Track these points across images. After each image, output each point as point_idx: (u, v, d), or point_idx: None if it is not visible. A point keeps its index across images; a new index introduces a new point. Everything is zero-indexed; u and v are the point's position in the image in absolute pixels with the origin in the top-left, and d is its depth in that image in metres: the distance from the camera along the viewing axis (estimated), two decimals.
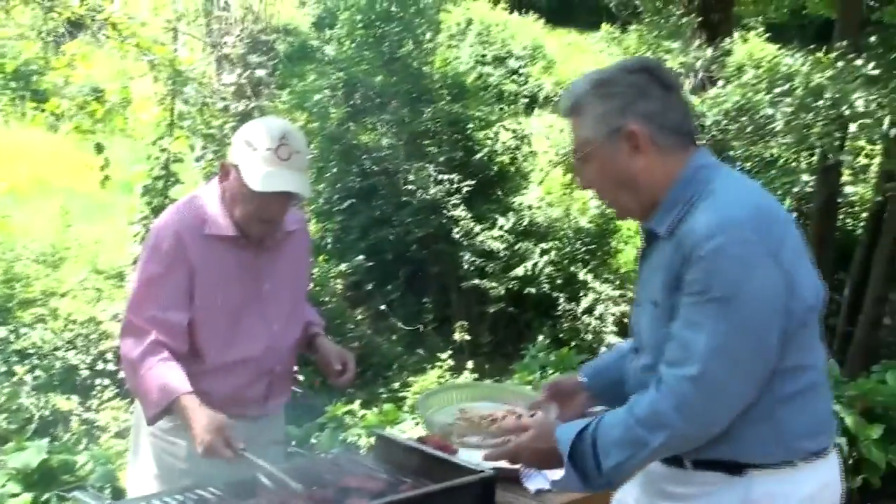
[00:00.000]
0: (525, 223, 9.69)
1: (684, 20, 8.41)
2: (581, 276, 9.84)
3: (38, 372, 7.08)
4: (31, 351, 7.24)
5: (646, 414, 1.91)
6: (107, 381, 7.34)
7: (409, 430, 4.85)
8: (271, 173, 2.54)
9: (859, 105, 6.16)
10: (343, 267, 9.93)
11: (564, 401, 2.39)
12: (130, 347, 2.59)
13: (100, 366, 7.39)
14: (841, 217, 8.64)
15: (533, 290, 9.45)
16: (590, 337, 9.63)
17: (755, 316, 1.85)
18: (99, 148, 6.52)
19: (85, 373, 7.33)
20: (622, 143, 2.00)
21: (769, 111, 6.64)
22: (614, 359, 2.37)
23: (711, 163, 2.03)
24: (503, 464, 2.25)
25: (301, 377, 6.59)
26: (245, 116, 8.15)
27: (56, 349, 7.31)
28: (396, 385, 8.85)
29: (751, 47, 13.30)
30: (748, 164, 8.14)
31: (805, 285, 1.92)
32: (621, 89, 2.01)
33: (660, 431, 1.89)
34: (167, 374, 2.53)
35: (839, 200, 8.01)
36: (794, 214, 9.11)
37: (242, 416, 2.80)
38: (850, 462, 4.65)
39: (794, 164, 7.66)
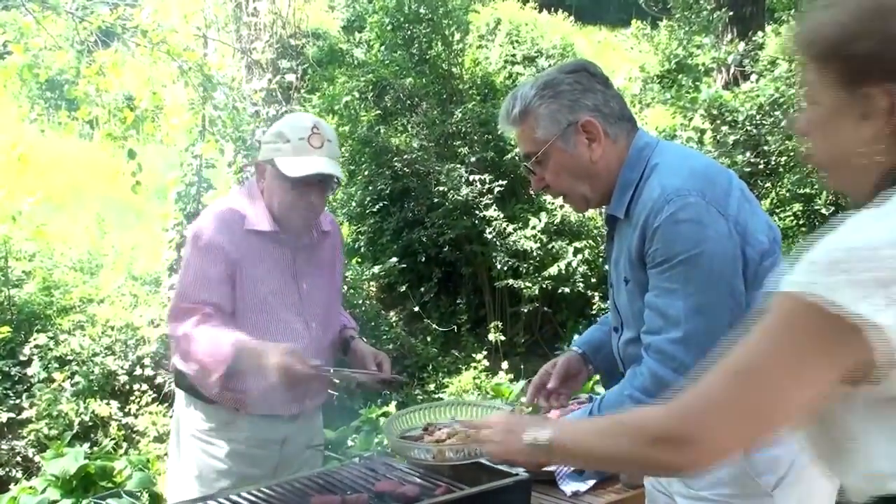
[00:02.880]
0: (557, 222, 9.61)
1: (715, 15, 8.34)
2: None
3: (77, 378, 7.14)
4: (70, 357, 7.30)
5: (649, 383, 2.01)
6: (145, 387, 7.40)
7: None
8: (306, 159, 2.62)
9: None
10: (376, 269, 9.94)
11: (568, 381, 2.49)
12: (181, 326, 2.65)
13: (138, 371, 7.44)
14: None
15: (567, 290, 9.37)
16: None
17: (719, 267, 1.96)
18: (131, 153, 6.56)
19: (123, 378, 7.39)
20: (578, 136, 2.11)
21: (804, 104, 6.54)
22: (606, 332, 2.47)
23: (651, 141, 2.16)
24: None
25: (337, 380, 6.59)
26: (276, 121, 8.19)
27: (95, 355, 7.37)
28: (432, 387, 8.84)
29: (783, 40, 13.12)
30: (783, 158, 8.02)
31: (757, 230, 2.03)
32: (566, 88, 2.13)
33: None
34: (225, 332, 2.61)
35: None
36: (832, 209, 9.00)
37: (280, 416, 2.83)
38: None
39: None
